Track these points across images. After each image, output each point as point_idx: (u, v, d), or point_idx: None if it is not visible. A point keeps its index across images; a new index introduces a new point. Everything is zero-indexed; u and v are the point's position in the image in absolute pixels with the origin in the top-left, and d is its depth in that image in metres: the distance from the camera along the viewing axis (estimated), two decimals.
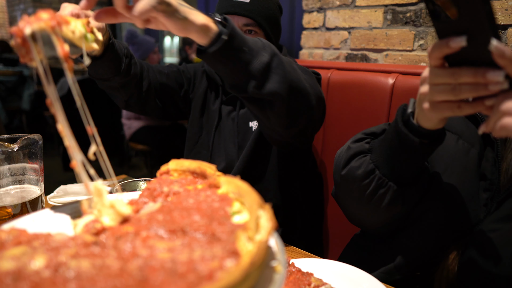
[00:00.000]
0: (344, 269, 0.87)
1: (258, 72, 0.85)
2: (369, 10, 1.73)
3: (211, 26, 0.79)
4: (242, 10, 1.25)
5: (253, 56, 0.84)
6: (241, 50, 0.83)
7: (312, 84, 1.03)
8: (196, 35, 0.77)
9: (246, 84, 0.87)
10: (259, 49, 0.86)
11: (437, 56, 0.61)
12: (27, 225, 0.43)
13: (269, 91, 0.87)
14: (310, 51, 1.99)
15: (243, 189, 0.44)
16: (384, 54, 1.72)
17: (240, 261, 0.33)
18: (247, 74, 0.85)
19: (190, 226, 0.37)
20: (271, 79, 0.87)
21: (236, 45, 0.82)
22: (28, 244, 0.34)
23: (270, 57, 0.87)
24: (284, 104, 0.91)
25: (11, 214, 0.91)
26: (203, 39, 0.79)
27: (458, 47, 0.57)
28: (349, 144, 0.92)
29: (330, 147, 1.57)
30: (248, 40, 0.85)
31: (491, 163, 0.82)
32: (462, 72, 0.59)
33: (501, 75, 0.56)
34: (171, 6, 0.70)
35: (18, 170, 0.94)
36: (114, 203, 0.43)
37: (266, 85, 0.87)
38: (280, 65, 0.88)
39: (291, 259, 0.88)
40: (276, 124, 0.97)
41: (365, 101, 1.45)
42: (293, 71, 0.94)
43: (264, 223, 0.40)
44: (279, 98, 0.89)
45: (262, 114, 0.95)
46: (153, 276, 0.30)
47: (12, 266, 0.30)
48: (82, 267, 0.31)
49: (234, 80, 0.87)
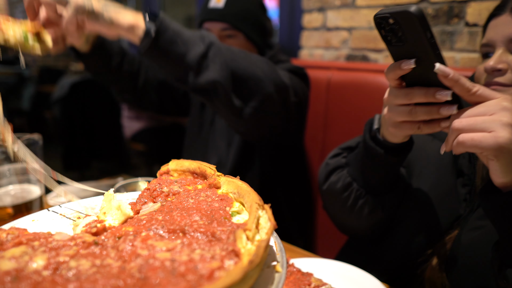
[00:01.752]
0: (344, 269, 0.87)
1: (194, 63, 0.86)
2: (370, 10, 1.73)
3: (139, 24, 0.81)
4: (217, 15, 1.27)
5: (187, 48, 0.86)
6: (174, 42, 0.84)
7: (267, 71, 1.03)
8: (127, 35, 0.80)
9: (185, 76, 0.88)
10: (195, 41, 0.87)
11: (392, 77, 0.67)
12: (27, 225, 0.43)
13: (207, 80, 0.88)
14: (310, 51, 1.99)
15: (243, 189, 0.44)
16: (384, 54, 1.72)
17: (240, 261, 0.33)
18: (184, 66, 0.86)
19: (190, 226, 0.37)
20: (209, 69, 0.88)
21: (167, 39, 0.83)
22: (28, 244, 0.34)
23: (206, 47, 0.88)
24: (228, 91, 0.92)
25: (11, 214, 0.91)
26: (134, 38, 0.81)
27: (409, 69, 0.63)
28: (327, 160, 0.99)
29: (330, 147, 1.57)
30: (183, 33, 0.86)
31: (467, 159, 0.87)
32: (415, 92, 0.65)
33: (448, 94, 0.62)
34: (93, 11, 0.74)
35: (18, 170, 0.94)
36: (121, 204, 0.43)
37: (204, 74, 0.88)
38: (218, 53, 0.89)
39: (291, 259, 0.88)
40: (227, 112, 0.98)
41: (365, 101, 1.45)
42: (240, 60, 0.95)
43: (264, 223, 0.40)
44: (220, 86, 0.90)
45: (211, 104, 0.97)
46: (153, 275, 0.30)
47: (12, 266, 0.30)
48: (82, 266, 0.31)
49: (174, 73, 0.89)
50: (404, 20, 0.58)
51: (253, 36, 1.32)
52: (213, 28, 1.30)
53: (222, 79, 0.89)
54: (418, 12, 0.56)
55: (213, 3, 1.29)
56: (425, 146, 0.92)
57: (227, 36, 1.30)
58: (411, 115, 0.67)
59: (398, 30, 0.60)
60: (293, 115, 1.22)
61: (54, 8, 0.76)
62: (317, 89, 1.60)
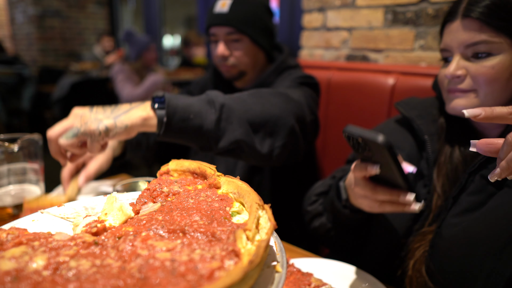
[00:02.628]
0: (344, 269, 0.87)
1: (212, 131, 0.88)
2: (370, 10, 1.73)
3: (150, 115, 0.83)
4: (222, 20, 1.28)
5: (202, 119, 0.88)
6: (188, 119, 0.86)
7: (283, 105, 1.03)
8: (144, 129, 0.83)
9: (209, 144, 0.91)
10: (205, 109, 0.89)
11: (358, 175, 0.74)
12: (27, 225, 0.43)
13: (230, 142, 0.90)
14: (310, 51, 1.99)
15: (243, 189, 0.44)
16: (384, 54, 1.72)
17: (240, 261, 0.33)
18: (205, 136, 0.89)
19: (190, 226, 0.37)
20: (228, 131, 0.90)
21: (179, 119, 0.85)
22: (28, 244, 0.34)
23: (219, 111, 0.89)
24: (251, 144, 0.94)
25: (11, 214, 0.91)
26: (151, 128, 0.84)
27: (374, 173, 0.70)
28: (307, 207, 1.09)
29: (330, 147, 1.57)
30: (193, 105, 0.88)
31: (425, 161, 0.94)
32: (380, 190, 0.72)
33: (412, 196, 0.69)
34: (108, 129, 0.79)
35: (18, 170, 0.94)
36: (122, 205, 0.43)
37: (224, 138, 0.90)
38: (231, 113, 0.91)
39: (291, 259, 0.88)
40: (256, 160, 1.00)
41: (365, 101, 1.45)
42: (254, 106, 0.96)
43: (264, 223, 0.40)
44: (242, 143, 0.92)
45: (241, 159, 0.99)
46: (153, 275, 0.30)
47: (12, 266, 0.30)
48: (82, 267, 0.31)
49: (197, 144, 0.91)
50: (372, 144, 0.62)
51: (259, 40, 1.32)
52: (218, 32, 1.30)
53: (243, 136, 0.92)
54: (386, 144, 0.60)
55: (218, 8, 1.30)
56: None
57: (233, 40, 1.31)
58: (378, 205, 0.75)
59: (366, 147, 0.66)
60: (312, 134, 1.23)
61: (77, 145, 0.81)
62: None
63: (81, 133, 0.78)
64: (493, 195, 0.79)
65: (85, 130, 0.78)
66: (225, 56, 1.31)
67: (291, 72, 1.35)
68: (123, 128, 0.80)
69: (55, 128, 0.81)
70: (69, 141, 0.78)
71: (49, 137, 0.81)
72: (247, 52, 1.31)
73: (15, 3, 6.83)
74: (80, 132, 0.78)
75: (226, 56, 1.31)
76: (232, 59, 1.32)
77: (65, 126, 0.81)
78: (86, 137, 0.78)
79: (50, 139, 0.81)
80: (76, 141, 0.79)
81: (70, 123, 0.81)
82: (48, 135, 0.81)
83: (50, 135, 0.81)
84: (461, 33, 0.84)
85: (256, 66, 1.37)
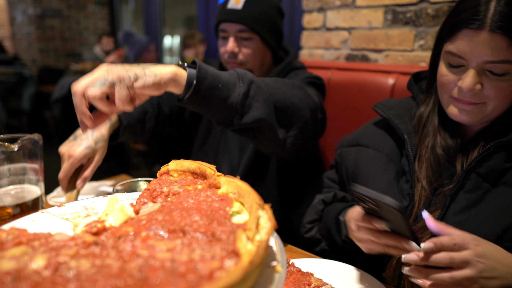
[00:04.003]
0: (344, 269, 0.87)
1: (238, 105, 0.86)
2: (369, 10, 1.73)
3: (181, 73, 0.80)
4: (235, 17, 1.27)
5: (229, 91, 0.85)
6: (216, 87, 0.84)
7: (302, 97, 1.03)
8: (172, 86, 0.80)
9: (230, 118, 0.88)
10: (234, 82, 0.87)
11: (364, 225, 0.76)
12: (27, 225, 0.43)
13: (253, 120, 0.88)
14: (310, 51, 1.99)
15: (243, 189, 0.44)
16: (384, 54, 1.72)
17: (240, 261, 0.33)
18: (228, 109, 0.86)
19: (190, 226, 0.37)
20: (252, 108, 0.88)
21: (209, 85, 0.83)
22: (28, 244, 0.34)
23: (247, 86, 0.88)
24: (273, 127, 0.93)
25: (11, 214, 0.91)
26: (177, 88, 0.81)
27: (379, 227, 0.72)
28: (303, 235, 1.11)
29: (330, 147, 1.57)
30: (222, 76, 0.86)
31: (406, 158, 0.95)
32: (384, 237, 0.73)
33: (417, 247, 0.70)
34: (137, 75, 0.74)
35: (18, 170, 0.94)
36: (123, 206, 0.43)
37: (248, 114, 0.88)
38: (259, 91, 0.89)
39: (291, 259, 0.88)
40: (271, 146, 0.99)
41: (365, 101, 1.45)
42: (278, 91, 0.95)
43: (264, 223, 0.40)
44: (265, 124, 0.91)
45: (256, 141, 0.97)
46: (153, 276, 0.30)
47: (12, 266, 0.30)
48: (82, 267, 0.31)
49: (218, 117, 0.89)
50: (382, 204, 0.63)
51: (269, 40, 1.32)
52: (230, 29, 1.30)
53: (267, 116, 0.90)
54: (399, 208, 0.61)
55: (232, 4, 1.29)
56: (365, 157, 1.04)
57: (243, 39, 1.30)
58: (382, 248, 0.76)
59: (376, 207, 0.67)
60: (320, 132, 1.23)
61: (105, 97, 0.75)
62: None
63: (109, 81, 0.72)
64: (489, 191, 0.81)
65: (114, 78, 0.72)
66: (235, 53, 1.31)
67: (298, 73, 1.35)
68: (152, 76, 0.75)
69: (81, 81, 0.73)
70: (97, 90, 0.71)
71: (75, 90, 0.73)
72: (256, 51, 1.31)
73: (15, 3, 6.82)
74: (109, 81, 0.72)
75: (235, 53, 1.30)
76: (240, 57, 1.31)
77: (92, 78, 0.73)
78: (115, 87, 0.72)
79: (76, 93, 0.72)
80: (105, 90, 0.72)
81: (97, 75, 0.73)
82: (74, 89, 0.73)
83: (76, 88, 0.73)
84: (486, 47, 0.76)
85: (263, 66, 1.37)
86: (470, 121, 0.84)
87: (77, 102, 0.73)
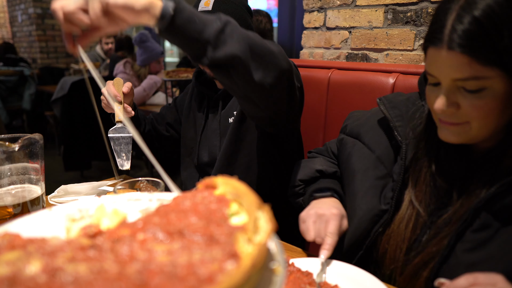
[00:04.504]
0: (345, 269, 0.87)
1: (212, 38, 0.88)
2: (370, 9, 1.72)
3: (155, 3, 0.81)
4: None
5: (205, 25, 0.88)
6: (192, 21, 0.86)
7: (281, 50, 1.05)
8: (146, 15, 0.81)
9: (204, 52, 0.90)
10: (212, 19, 0.90)
11: None
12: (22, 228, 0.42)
13: (226, 54, 0.89)
14: (310, 50, 1.99)
15: (241, 190, 0.43)
16: (385, 53, 1.72)
17: (241, 263, 0.32)
18: (202, 42, 0.88)
19: (187, 228, 0.37)
20: (227, 43, 0.90)
21: (185, 17, 0.85)
22: (23, 249, 0.34)
23: (223, 24, 0.90)
24: (247, 65, 0.93)
25: (12, 214, 0.91)
26: (150, 18, 0.82)
27: None
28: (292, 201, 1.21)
29: None
30: (200, 14, 0.89)
31: (399, 167, 0.93)
32: None
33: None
34: None
35: (19, 169, 0.94)
36: (116, 209, 0.42)
37: (222, 48, 0.89)
38: (235, 29, 0.91)
39: (291, 259, 0.88)
40: (245, 88, 0.99)
41: (365, 101, 1.45)
42: (255, 37, 0.97)
43: (263, 225, 0.39)
44: (239, 60, 0.91)
45: (230, 81, 0.98)
46: (152, 279, 0.30)
47: (7, 271, 0.30)
48: (79, 271, 0.30)
49: (193, 51, 0.91)
50: None
51: None
52: None
53: (241, 53, 0.91)
54: None
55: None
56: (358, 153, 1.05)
57: None
58: None
59: None
60: (296, 100, 1.22)
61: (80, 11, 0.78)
62: (317, 89, 1.59)
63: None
64: (499, 230, 0.76)
65: None
66: None
67: None
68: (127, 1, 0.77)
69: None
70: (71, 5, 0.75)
71: (54, 7, 0.77)
72: None
73: (15, 3, 6.82)
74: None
75: None
76: None
77: None
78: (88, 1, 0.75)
79: (56, 10, 0.77)
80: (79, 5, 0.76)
81: None
82: (53, 6, 0.78)
83: (54, 6, 0.77)
84: (447, 66, 0.74)
85: None
86: (458, 141, 0.81)
87: (59, 18, 0.78)
